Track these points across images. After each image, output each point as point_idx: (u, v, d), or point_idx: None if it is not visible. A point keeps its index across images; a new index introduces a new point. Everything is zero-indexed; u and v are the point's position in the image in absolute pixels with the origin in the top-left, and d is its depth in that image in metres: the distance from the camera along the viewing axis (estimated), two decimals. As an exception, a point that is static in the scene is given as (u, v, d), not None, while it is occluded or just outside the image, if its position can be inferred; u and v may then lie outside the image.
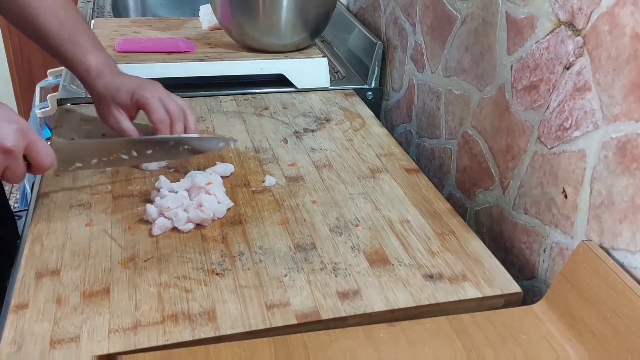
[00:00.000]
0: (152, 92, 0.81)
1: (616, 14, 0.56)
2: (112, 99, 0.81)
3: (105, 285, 0.61)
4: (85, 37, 0.83)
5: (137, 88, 0.81)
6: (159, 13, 1.73)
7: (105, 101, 0.82)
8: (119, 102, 0.81)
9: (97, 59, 0.82)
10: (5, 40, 2.60)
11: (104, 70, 0.82)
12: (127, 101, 0.81)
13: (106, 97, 0.82)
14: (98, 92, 0.82)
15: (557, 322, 0.59)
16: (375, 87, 1.13)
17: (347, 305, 0.60)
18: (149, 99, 0.80)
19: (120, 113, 0.82)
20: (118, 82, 0.82)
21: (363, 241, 0.69)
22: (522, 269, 0.73)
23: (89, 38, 0.83)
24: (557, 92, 0.65)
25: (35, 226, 0.69)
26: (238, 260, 0.65)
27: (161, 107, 0.81)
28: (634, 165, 0.55)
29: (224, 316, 0.58)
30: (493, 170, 0.79)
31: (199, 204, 0.70)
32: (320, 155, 0.87)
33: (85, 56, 0.81)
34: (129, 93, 0.81)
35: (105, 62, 0.83)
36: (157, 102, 0.81)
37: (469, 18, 0.82)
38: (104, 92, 0.82)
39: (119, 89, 0.81)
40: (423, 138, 1.00)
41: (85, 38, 0.83)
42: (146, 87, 0.81)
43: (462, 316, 0.59)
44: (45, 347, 0.53)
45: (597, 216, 0.60)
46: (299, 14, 1.05)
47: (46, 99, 1.61)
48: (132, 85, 0.82)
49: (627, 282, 0.54)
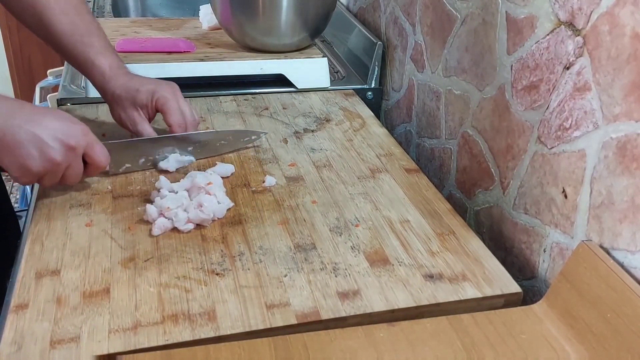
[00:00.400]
0: (172, 95, 0.82)
1: (616, 14, 0.56)
2: (131, 100, 0.81)
3: (105, 285, 0.61)
4: (97, 39, 0.82)
5: (157, 89, 0.81)
6: (159, 13, 1.73)
7: (121, 103, 0.81)
8: (139, 103, 0.81)
9: (110, 61, 0.82)
10: (5, 40, 2.60)
11: (118, 71, 0.82)
12: (147, 102, 0.81)
13: (124, 98, 0.81)
14: (114, 93, 0.81)
15: (557, 322, 0.59)
16: (375, 87, 1.13)
17: (347, 305, 0.60)
18: (169, 100, 0.81)
19: (139, 114, 0.82)
20: (136, 83, 0.82)
21: (363, 241, 0.69)
22: (522, 269, 0.73)
23: (101, 39, 0.83)
24: (557, 92, 0.65)
25: (35, 226, 0.69)
26: (238, 261, 0.65)
27: (179, 110, 0.81)
28: (634, 165, 0.55)
29: (224, 316, 0.58)
30: (493, 170, 0.79)
31: (199, 204, 0.70)
32: (320, 155, 0.87)
33: (98, 58, 0.81)
34: (149, 94, 0.81)
35: (119, 64, 0.83)
36: (176, 105, 0.81)
37: (469, 18, 0.82)
38: (121, 94, 0.81)
39: (138, 90, 0.81)
40: (423, 138, 1.00)
41: (97, 39, 0.82)
42: (165, 89, 0.82)
43: (462, 316, 0.59)
44: (45, 347, 0.53)
45: (597, 216, 0.60)
46: (299, 14, 1.05)
47: (46, 99, 1.61)
48: (151, 86, 0.81)
49: (627, 282, 0.54)
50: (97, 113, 0.95)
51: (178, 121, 0.81)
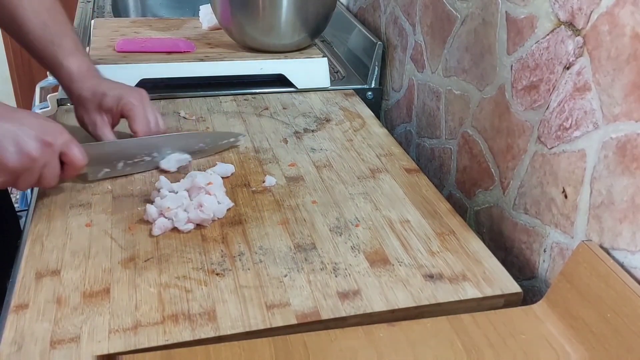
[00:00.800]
0: (139, 101, 0.80)
1: (616, 14, 0.56)
2: (96, 104, 0.80)
3: (106, 286, 0.61)
4: (68, 40, 0.81)
5: (124, 94, 0.80)
6: (159, 13, 1.73)
7: (86, 105, 0.80)
8: (104, 107, 0.80)
9: (79, 62, 0.81)
10: (5, 41, 2.60)
11: (86, 74, 0.81)
12: (113, 107, 0.80)
13: (90, 101, 0.80)
14: (80, 95, 0.80)
15: (557, 322, 0.59)
16: (375, 87, 1.13)
17: (347, 305, 0.60)
18: (136, 107, 0.80)
19: (101, 118, 0.80)
20: (104, 86, 0.80)
21: (363, 241, 0.69)
22: (522, 269, 0.73)
23: (71, 41, 0.82)
24: (557, 92, 0.65)
25: (35, 226, 0.69)
26: (238, 261, 0.65)
27: (145, 118, 0.80)
28: (634, 165, 0.55)
29: (224, 316, 0.58)
30: (493, 170, 0.79)
31: (199, 204, 0.70)
32: (320, 156, 0.87)
33: (67, 59, 0.80)
34: (115, 99, 0.79)
35: (88, 66, 0.82)
36: (142, 112, 0.80)
37: (469, 18, 0.82)
38: (87, 96, 0.80)
39: (104, 94, 0.80)
40: (423, 138, 1.00)
41: (68, 41, 0.81)
42: (133, 95, 0.81)
43: (462, 316, 0.59)
44: (46, 347, 0.53)
45: (597, 216, 0.60)
46: (299, 14, 1.05)
47: (46, 99, 1.61)
48: (119, 91, 0.80)
49: (627, 282, 0.54)
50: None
51: (142, 128, 0.80)
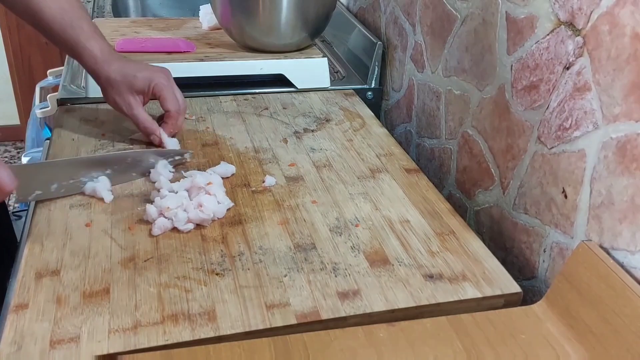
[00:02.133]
0: (167, 81, 0.84)
1: (616, 14, 0.56)
2: (128, 85, 0.82)
3: (105, 286, 0.61)
4: (86, 23, 0.83)
5: (154, 76, 0.83)
6: (159, 13, 1.73)
7: (117, 87, 0.83)
8: (137, 89, 0.83)
9: (101, 45, 0.83)
10: (5, 41, 2.60)
11: (109, 55, 0.83)
12: (144, 88, 0.83)
13: (120, 82, 0.82)
14: (109, 77, 0.82)
15: (557, 322, 0.59)
16: (375, 87, 1.13)
17: (347, 305, 0.60)
18: (166, 87, 0.83)
19: (135, 99, 0.83)
20: (132, 68, 0.83)
21: (363, 241, 0.69)
22: (522, 269, 0.73)
23: (90, 25, 0.84)
24: (557, 92, 0.65)
25: (35, 226, 0.69)
26: (238, 260, 0.65)
27: (174, 97, 0.84)
28: (634, 165, 0.55)
29: (224, 316, 0.58)
30: (493, 170, 0.79)
31: (199, 204, 0.70)
32: (320, 155, 0.87)
33: (89, 41, 0.82)
34: (146, 80, 0.82)
35: (109, 49, 0.84)
36: (171, 91, 0.84)
37: (469, 18, 0.82)
38: (117, 78, 0.82)
39: (135, 76, 0.82)
40: (423, 138, 1.00)
41: (86, 24, 0.83)
42: (161, 75, 0.84)
43: (462, 316, 0.59)
44: (45, 347, 0.53)
45: (597, 216, 0.60)
46: (299, 14, 1.05)
47: (46, 99, 1.61)
48: (148, 72, 0.83)
49: (627, 282, 0.54)
50: (96, 113, 0.95)
51: (174, 107, 0.84)
